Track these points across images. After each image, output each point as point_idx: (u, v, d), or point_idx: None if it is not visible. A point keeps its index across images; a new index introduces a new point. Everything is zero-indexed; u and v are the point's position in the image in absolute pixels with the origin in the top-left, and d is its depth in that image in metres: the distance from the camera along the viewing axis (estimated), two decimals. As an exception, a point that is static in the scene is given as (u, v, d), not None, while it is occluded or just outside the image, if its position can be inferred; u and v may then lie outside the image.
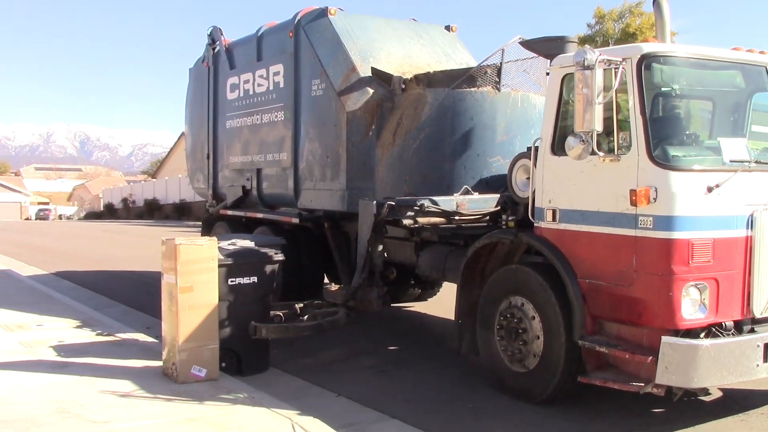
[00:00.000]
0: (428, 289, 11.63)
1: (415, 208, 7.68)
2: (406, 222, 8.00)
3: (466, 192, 7.85)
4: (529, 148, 6.93)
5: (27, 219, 79.42)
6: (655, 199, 5.68)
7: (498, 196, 7.56)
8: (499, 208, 7.52)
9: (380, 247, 8.09)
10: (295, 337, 7.95)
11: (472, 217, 7.89)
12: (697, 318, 5.70)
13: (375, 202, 7.90)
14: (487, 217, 7.87)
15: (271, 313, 7.85)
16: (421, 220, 8.03)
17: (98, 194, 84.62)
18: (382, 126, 8.97)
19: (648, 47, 6.13)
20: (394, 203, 7.79)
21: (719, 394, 6.90)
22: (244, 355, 7.55)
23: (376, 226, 7.88)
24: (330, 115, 9.50)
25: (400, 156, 8.63)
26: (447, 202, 7.73)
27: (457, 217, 7.88)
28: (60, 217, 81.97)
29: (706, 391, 6.68)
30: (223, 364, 7.24)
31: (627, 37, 31.90)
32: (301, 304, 8.42)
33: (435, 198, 7.76)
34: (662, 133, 6.00)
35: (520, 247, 7.07)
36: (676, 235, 5.63)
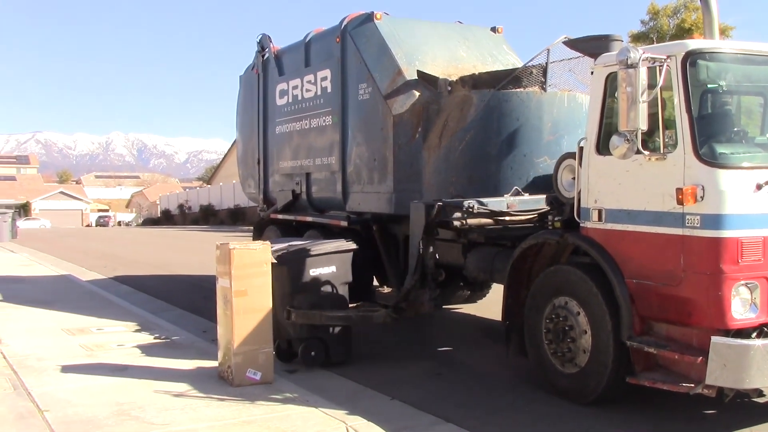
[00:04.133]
0: (477, 290, 11.64)
1: (465, 210, 7.71)
2: (456, 223, 8.03)
3: (516, 193, 7.86)
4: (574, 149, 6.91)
5: (88, 226, 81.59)
6: (702, 198, 5.62)
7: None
8: (547, 208, 7.52)
9: (431, 249, 8.14)
10: (325, 327, 8.03)
11: (521, 218, 7.88)
12: (747, 318, 5.63)
13: (426, 203, 7.94)
14: (535, 218, 7.88)
15: None
16: (471, 221, 8.04)
17: (155, 201, 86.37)
18: (428, 128, 9.03)
19: (693, 44, 6.07)
20: (443, 204, 7.83)
21: (774, 395, 6.78)
22: (331, 344, 7.99)
23: (427, 228, 7.92)
24: (377, 119, 9.60)
25: (446, 158, 8.67)
26: (497, 203, 7.76)
27: (507, 218, 7.88)
28: (119, 223, 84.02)
29: (759, 393, 6.55)
30: (313, 353, 7.88)
31: (682, 33, 31.34)
32: (354, 305, 8.54)
33: (485, 199, 7.79)
34: (709, 131, 5.94)
35: (566, 248, 7.05)
36: (724, 233, 5.56)
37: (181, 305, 12.52)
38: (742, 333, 5.65)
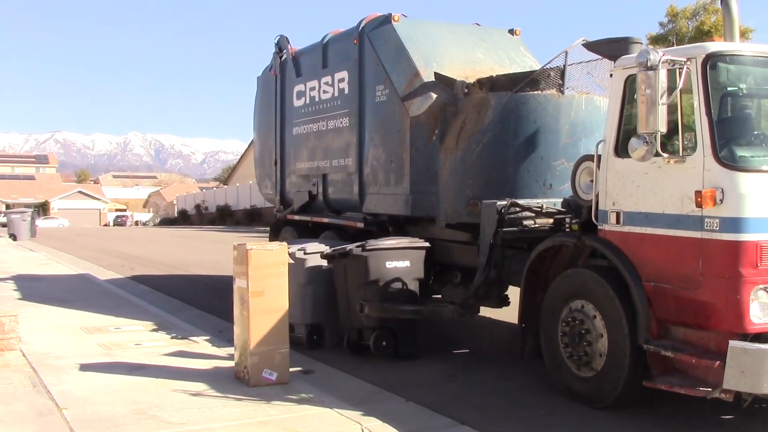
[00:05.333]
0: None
1: (535, 209, 7.75)
2: (527, 222, 8.02)
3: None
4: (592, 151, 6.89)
5: (105, 225, 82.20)
6: (721, 201, 5.59)
7: None
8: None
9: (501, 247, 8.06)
10: (396, 319, 8.39)
11: None
12: (766, 322, 5.59)
13: (497, 203, 7.90)
14: (551, 220, 7.86)
15: None
16: (539, 221, 8.01)
17: (172, 201, 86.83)
18: (445, 130, 9.02)
19: (713, 46, 6.05)
20: (513, 204, 7.82)
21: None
22: (400, 334, 8.42)
23: (498, 226, 7.88)
24: (394, 121, 9.60)
25: (463, 160, 8.66)
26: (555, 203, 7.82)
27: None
28: (136, 223, 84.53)
29: (778, 397, 6.51)
30: (384, 343, 8.35)
31: (701, 35, 31.11)
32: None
33: (548, 200, 7.95)
34: (729, 134, 5.91)
35: (584, 250, 7.03)
36: (743, 237, 5.53)
37: (197, 305, 12.60)
38: (761, 337, 5.61)
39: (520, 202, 7.86)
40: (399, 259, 8.52)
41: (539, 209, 7.73)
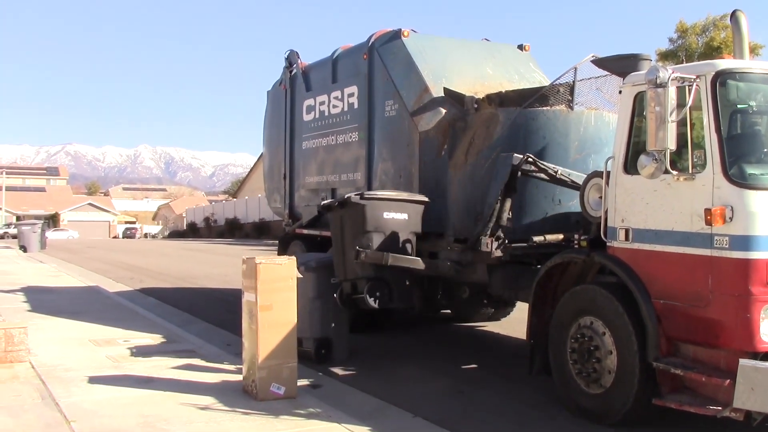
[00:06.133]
0: (501, 308, 11.60)
1: (551, 173, 7.79)
2: (537, 239, 7.97)
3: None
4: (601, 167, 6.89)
5: (115, 237, 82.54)
6: (731, 219, 5.58)
7: None
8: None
9: (509, 203, 8.03)
10: (392, 272, 8.39)
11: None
12: (777, 340, 5.55)
13: (514, 154, 7.90)
14: (560, 236, 7.86)
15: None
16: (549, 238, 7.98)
17: (182, 213, 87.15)
18: (454, 146, 9.04)
19: (723, 64, 6.05)
20: (530, 158, 7.84)
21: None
22: (395, 287, 8.49)
23: (510, 177, 7.86)
24: (403, 136, 9.63)
25: (472, 175, 8.67)
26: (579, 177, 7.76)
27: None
28: (145, 235, 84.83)
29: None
30: (378, 294, 8.35)
31: (711, 51, 31.15)
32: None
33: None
34: (738, 151, 5.90)
35: (593, 267, 7.02)
36: (753, 255, 5.51)
37: (206, 318, 12.61)
38: (772, 356, 5.57)
39: (538, 162, 7.86)
40: (397, 211, 8.48)
41: (554, 174, 7.78)
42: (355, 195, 8.43)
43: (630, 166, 6.41)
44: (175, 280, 19.89)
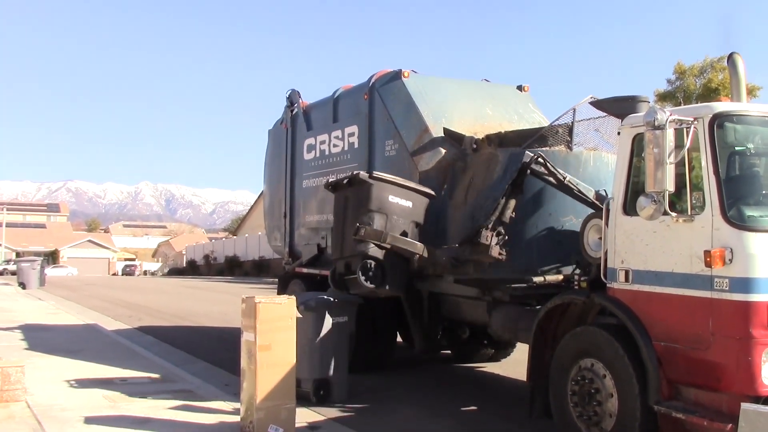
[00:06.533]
0: (501, 349, 11.54)
1: (559, 178, 7.81)
2: (536, 279, 7.98)
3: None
4: (600, 208, 6.90)
5: (114, 274, 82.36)
6: (730, 261, 5.57)
7: None
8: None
9: (513, 203, 8.04)
10: (387, 254, 8.46)
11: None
12: (779, 384, 5.50)
13: (526, 152, 7.96)
14: (561, 277, 7.85)
15: None
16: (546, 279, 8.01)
17: (181, 251, 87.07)
18: (454, 185, 9.08)
19: (720, 106, 6.09)
20: (538, 156, 7.90)
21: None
22: (389, 270, 8.48)
23: (518, 174, 7.89)
24: (403, 175, 9.64)
25: (472, 215, 8.68)
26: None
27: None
28: (145, 272, 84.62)
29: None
30: (371, 273, 8.38)
31: (709, 92, 31.36)
32: None
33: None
34: (737, 193, 5.91)
35: (593, 308, 6.99)
36: (753, 297, 5.49)
37: (204, 357, 12.52)
38: (774, 400, 5.52)
39: (549, 164, 7.91)
40: (402, 197, 8.58)
41: (562, 179, 7.84)
42: (364, 173, 8.58)
43: (629, 207, 6.42)
44: (173, 318, 19.79)
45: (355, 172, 8.64)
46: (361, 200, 8.46)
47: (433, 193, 8.91)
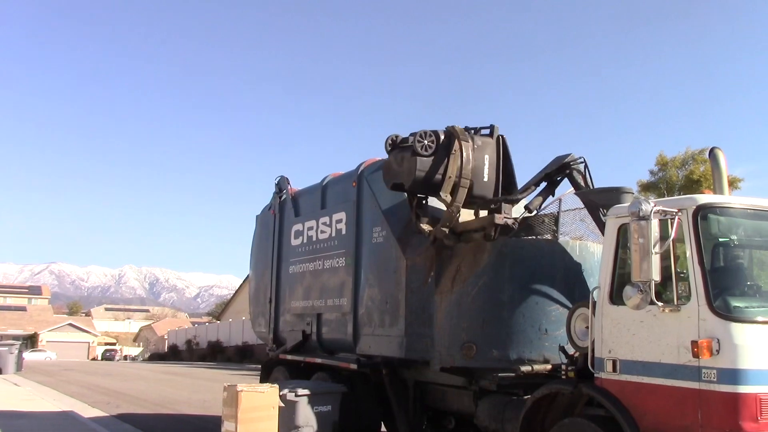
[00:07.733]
0: (488, 440, 11.28)
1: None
2: (524, 369, 7.89)
3: None
4: (587, 297, 6.91)
5: (93, 359, 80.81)
6: (718, 351, 5.56)
7: None
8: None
9: None
10: None
11: None
12: (770, 478, 5.41)
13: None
14: (549, 366, 7.78)
15: None
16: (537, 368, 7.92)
17: (164, 335, 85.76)
18: (441, 273, 9.06)
19: (703, 199, 6.21)
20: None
21: None
22: None
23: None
24: (390, 262, 9.66)
25: (459, 303, 8.66)
26: None
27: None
28: (125, 357, 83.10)
29: None
30: None
31: (691, 184, 31.92)
32: None
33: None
34: (722, 284, 5.96)
35: (581, 399, 6.90)
36: (741, 389, 5.46)
37: (183, 447, 12.17)
38: (766, 495, 5.41)
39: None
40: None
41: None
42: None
43: (616, 297, 6.43)
44: (153, 406, 19.31)
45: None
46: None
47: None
